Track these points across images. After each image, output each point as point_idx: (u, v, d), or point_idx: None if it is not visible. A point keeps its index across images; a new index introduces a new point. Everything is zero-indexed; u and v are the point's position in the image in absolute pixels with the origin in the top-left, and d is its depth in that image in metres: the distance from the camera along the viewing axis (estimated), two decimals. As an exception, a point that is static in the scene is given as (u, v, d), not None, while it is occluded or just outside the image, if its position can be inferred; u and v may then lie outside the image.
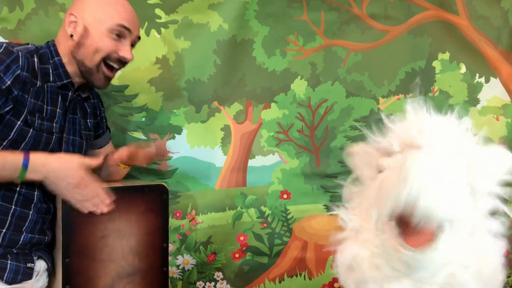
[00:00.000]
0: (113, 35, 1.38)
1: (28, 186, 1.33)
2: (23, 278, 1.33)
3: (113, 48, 1.38)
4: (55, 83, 1.38)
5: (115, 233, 1.43)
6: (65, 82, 1.39)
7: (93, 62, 1.37)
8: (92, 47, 1.36)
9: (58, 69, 1.38)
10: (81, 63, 1.38)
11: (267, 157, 2.06)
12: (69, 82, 1.40)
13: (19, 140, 1.29)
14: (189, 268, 2.01)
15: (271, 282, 2.10)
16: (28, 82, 1.28)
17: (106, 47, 1.37)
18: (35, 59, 1.33)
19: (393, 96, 2.11)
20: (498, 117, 2.16)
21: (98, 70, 1.39)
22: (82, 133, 1.52)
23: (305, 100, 2.06)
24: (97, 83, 1.43)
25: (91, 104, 1.59)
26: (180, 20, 1.91)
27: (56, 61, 1.38)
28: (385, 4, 2.07)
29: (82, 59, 1.38)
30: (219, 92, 1.99)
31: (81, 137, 1.51)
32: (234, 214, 2.04)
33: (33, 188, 1.35)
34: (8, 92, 1.24)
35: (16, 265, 1.31)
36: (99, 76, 1.40)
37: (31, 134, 1.31)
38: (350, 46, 2.08)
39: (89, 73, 1.40)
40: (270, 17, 1.99)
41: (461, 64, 2.14)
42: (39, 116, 1.33)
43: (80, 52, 1.37)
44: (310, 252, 2.10)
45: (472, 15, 2.11)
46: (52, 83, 1.37)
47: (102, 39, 1.36)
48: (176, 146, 1.96)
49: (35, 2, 1.76)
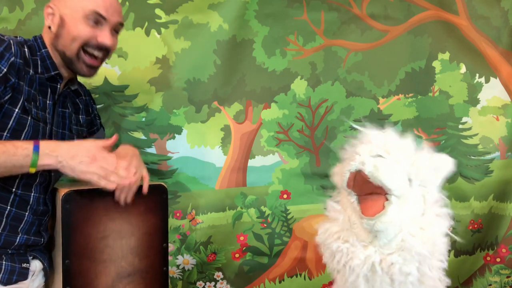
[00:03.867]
0: (90, 21, 1.37)
1: (24, 187, 1.33)
2: (18, 279, 1.32)
3: (90, 35, 1.37)
4: (43, 74, 1.38)
5: (115, 233, 1.42)
6: (53, 74, 1.39)
7: (72, 50, 1.37)
8: (69, 36, 1.36)
9: (45, 60, 1.38)
10: (62, 53, 1.38)
11: (267, 157, 2.06)
12: (56, 74, 1.40)
13: (18, 129, 1.28)
14: (189, 268, 2.01)
15: (271, 282, 2.10)
16: (22, 69, 1.28)
17: (82, 34, 1.36)
18: (25, 49, 1.33)
19: (393, 96, 2.11)
20: (498, 117, 2.16)
21: (78, 58, 1.38)
22: (72, 127, 1.51)
23: (305, 100, 2.06)
24: (81, 72, 1.42)
25: (83, 100, 1.59)
26: (180, 20, 1.91)
27: (43, 53, 1.38)
28: (385, 4, 2.07)
29: (62, 49, 1.38)
30: (219, 92, 1.99)
31: (70, 131, 1.50)
32: (234, 214, 2.04)
33: (29, 189, 1.34)
34: (6, 80, 1.24)
35: (11, 266, 1.30)
36: (80, 65, 1.39)
37: (29, 123, 1.30)
38: (350, 46, 2.08)
39: (71, 63, 1.39)
40: (270, 17, 1.99)
41: (461, 64, 2.14)
42: (34, 105, 1.32)
43: (59, 42, 1.37)
44: (310, 252, 2.10)
45: (472, 15, 2.11)
46: (41, 75, 1.37)
47: (78, 26, 1.35)
48: (176, 146, 1.96)
49: (35, 2, 1.76)
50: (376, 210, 1.16)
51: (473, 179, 2.15)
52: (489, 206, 2.16)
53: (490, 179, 2.15)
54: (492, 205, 2.16)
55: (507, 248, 2.18)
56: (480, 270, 2.22)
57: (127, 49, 1.88)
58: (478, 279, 2.21)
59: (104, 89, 1.88)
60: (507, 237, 2.18)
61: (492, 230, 2.19)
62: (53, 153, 1.25)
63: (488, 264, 2.21)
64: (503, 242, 2.18)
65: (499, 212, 2.18)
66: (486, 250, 2.20)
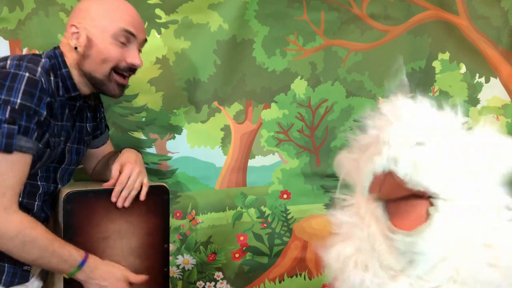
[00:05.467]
0: (119, 42, 1.32)
1: (29, 197, 1.32)
2: (20, 281, 1.31)
3: (120, 56, 1.33)
4: (63, 96, 1.33)
5: (116, 234, 1.42)
6: (73, 95, 1.35)
7: (103, 73, 1.33)
8: (98, 58, 1.31)
9: (65, 81, 1.32)
10: (89, 75, 1.33)
11: (267, 157, 2.06)
12: (77, 95, 1.36)
13: (36, 161, 1.26)
14: (189, 268, 2.01)
15: (271, 282, 2.10)
16: (53, 106, 1.25)
17: (113, 56, 1.32)
18: (51, 78, 1.27)
19: (393, 96, 2.11)
20: (498, 117, 2.16)
21: (110, 80, 1.35)
22: (84, 139, 1.50)
23: (305, 100, 2.06)
24: (112, 93, 1.38)
25: (91, 107, 1.55)
26: (180, 20, 1.91)
27: (63, 73, 1.32)
28: (385, 4, 2.07)
29: (90, 71, 1.32)
30: (219, 92, 1.98)
31: (84, 144, 1.50)
32: (234, 214, 2.04)
33: (34, 198, 1.34)
34: (48, 125, 1.22)
35: (13, 268, 1.30)
36: (112, 86, 1.36)
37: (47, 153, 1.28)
38: (350, 46, 2.08)
39: (101, 84, 1.35)
40: (270, 17, 1.99)
41: (461, 64, 2.14)
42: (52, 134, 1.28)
43: (86, 64, 1.32)
44: (310, 252, 2.10)
45: (472, 15, 2.11)
46: (61, 97, 1.32)
47: (108, 48, 1.31)
48: (176, 146, 1.96)
49: (35, 2, 1.75)
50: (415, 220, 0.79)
51: (473, 179, 2.15)
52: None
53: (490, 179, 2.15)
54: (492, 205, 2.16)
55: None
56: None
57: (127, 49, 1.88)
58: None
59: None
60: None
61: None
62: (90, 274, 1.29)
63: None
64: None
65: (499, 212, 2.18)
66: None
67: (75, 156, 1.45)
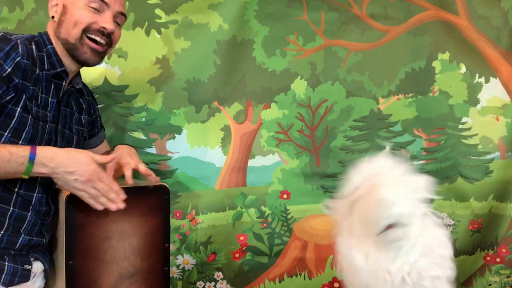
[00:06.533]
0: (90, 8, 1.38)
1: (27, 187, 1.32)
2: (20, 280, 1.31)
3: (92, 20, 1.38)
4: (49, 71, 1.38)
5: (118, 234, 1.42)
6: (59, 70, 1.39)
7: (74, 36, 1.37)
8: (70, 21, 1.37)
9: (51, 57, 1.38)
10: (64, 41, 1.38)
11: (267, 157, 2.06)
12: (62, 71, 1.40)
13: (19, 129, 1.28)
14: (189, 268, 2.01)
15: (271, 282, 2.10)
16: (28, 69, 1.28)
17: (84, 19, 1.37)
18: (32, 46, 1.34)
19: (393, 96, 2.11)
20: (498, 117, 2.16)
21: (81, 44, 1.39)
22: (73, 127, 1.50)
23: (305, 100, 2.06)
24: (85, 57, 1.40)
25: (86, 100, 1.59)
26: (180, 20, 1.91)
27: (49, 49, 1.39)
28: (385, 4, 2.07)
29: (64, 36, 1.38)
30: (219, 92, 1.98)
31: (71, 130, 1.50)
32: (234, 214, 2.04)
33: (32, 189, 1.34)
34: (9, 80, 1.23)
35: (13, 267, 1.30)
36: (84, 50, 1.39)
37: (30, 122, 1.29)
38: (350, 46, 2.08)
39: (74, 49, 1.39)
40: (270, 17, 1.99)
41: (461, 64, 2.14)
42: (35, 103, 1.32)
43: (61, 30, 1.38)
44: (310, 252, 2.10)
45: (472, 15, 2.11)
46: (46, 72, 1.37)
47: (79, 12, 1.37)
48: (176, 146, 1.96)
49: (35, 2, 1.76)
50: None
51: (473, 179, 2.15)
52: (489, 206, 2.16)
53: (490, 179, 2.15)
54: (492, 205, 2.16)
55: (507, 248, 2.18)
56: (480, 270, 2.22)
57: (127, 49, 1.88)
58: (478, 279, 2.21)
59: (104, 89, 1.88)
60: (507, 237, 2.18)
61: (492, 230, 2.19)
62: (49, 163, 1.23)
63: (488, 264, 2.21)
64: (503, 242, 2.19)
65: (499, 212, 2.18)
66: (486, 250, 2.20)
67: (65, 143, 1.45)
